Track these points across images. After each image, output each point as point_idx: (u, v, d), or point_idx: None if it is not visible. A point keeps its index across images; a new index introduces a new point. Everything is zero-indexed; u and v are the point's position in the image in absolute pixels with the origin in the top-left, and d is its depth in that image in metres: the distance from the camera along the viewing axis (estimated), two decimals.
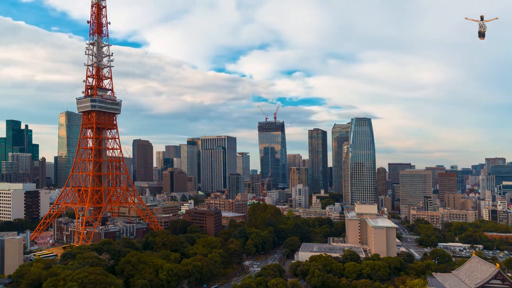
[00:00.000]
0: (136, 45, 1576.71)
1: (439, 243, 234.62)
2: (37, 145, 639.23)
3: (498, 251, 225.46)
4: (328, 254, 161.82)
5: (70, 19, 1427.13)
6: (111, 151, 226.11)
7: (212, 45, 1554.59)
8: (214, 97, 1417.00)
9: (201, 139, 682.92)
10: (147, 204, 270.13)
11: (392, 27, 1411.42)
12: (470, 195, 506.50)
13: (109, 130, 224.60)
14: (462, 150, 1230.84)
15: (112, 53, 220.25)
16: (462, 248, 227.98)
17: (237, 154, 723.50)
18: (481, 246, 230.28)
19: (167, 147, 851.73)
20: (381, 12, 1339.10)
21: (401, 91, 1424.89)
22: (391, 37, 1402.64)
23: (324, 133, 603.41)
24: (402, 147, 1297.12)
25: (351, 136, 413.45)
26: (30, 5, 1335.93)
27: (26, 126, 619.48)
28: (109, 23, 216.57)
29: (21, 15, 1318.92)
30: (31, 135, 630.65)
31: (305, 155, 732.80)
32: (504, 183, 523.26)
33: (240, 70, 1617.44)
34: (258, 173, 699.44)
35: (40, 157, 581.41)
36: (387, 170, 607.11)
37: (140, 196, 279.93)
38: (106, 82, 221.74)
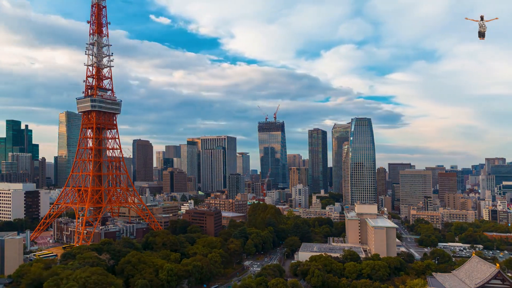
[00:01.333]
0: (215, 38, 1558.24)
1: (439, 243, 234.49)
2: (37, 145, 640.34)
3: (498, 251, 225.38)
4: (328, 254, 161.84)
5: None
6: (111, 151, 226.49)
7: (300, 40, 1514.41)
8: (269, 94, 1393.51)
9: (201, 139, 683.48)
10: (147, 204, 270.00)
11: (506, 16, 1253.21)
12: (470, 195, 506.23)
13: (109, 130, 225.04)
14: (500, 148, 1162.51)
15: (112, 53, 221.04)
16: (462, 248, 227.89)
17: (237, 154, 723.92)
18: (481, 246, 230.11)
19: (167, 147, 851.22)
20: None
21: (474, 89, 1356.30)
22: (498, 27, 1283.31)
23: (324, 133, 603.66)
24: (439, 148, 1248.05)
25: (351, 136, 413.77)
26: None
27: (26, 126, 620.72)
28: (109, 23, 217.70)
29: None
30: (31, 135, 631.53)
31: (305, 155, 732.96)
32: (504, 183, 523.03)
33: (315, 66, 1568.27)
34: (258, 173, 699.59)
35: (40, 157, 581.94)
36: (387, 170, 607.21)
37: (140, 196, 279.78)
38: (106, 82, 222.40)
